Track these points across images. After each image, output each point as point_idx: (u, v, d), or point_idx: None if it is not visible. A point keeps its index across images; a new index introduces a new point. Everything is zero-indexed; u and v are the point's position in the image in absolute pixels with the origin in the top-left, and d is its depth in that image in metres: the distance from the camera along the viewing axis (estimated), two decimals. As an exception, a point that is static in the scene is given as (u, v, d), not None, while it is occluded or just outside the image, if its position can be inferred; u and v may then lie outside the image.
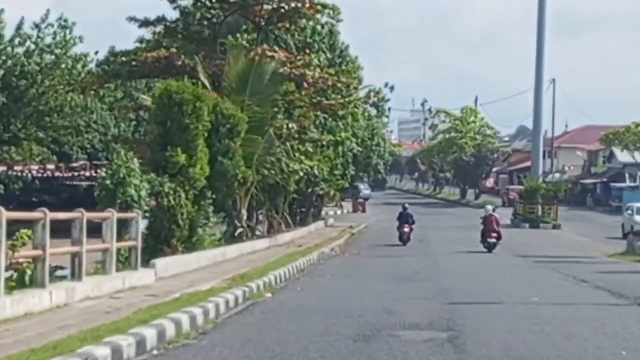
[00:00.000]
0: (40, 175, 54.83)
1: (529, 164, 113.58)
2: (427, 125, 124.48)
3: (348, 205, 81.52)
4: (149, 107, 30.51)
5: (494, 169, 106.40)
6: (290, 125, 35.87)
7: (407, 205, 43.14)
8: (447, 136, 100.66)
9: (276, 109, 35.24)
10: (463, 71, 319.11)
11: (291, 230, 43.67)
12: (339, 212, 77.25)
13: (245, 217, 34.20)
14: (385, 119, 77.43)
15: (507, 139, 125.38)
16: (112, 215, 17.15)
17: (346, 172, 54.70)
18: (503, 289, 21.46)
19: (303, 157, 38.34)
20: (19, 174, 53.49)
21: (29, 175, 54.66)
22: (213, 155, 26.60)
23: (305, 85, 36.93)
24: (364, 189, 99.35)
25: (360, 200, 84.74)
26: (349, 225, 54.83)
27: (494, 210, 39.42)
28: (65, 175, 55.73)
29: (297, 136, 37.08)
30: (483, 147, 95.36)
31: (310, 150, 39.12)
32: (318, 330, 13.56)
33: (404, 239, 40.32)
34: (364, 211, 79.55)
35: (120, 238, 19.17)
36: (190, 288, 17.75)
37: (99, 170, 38.98)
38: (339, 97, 39.59)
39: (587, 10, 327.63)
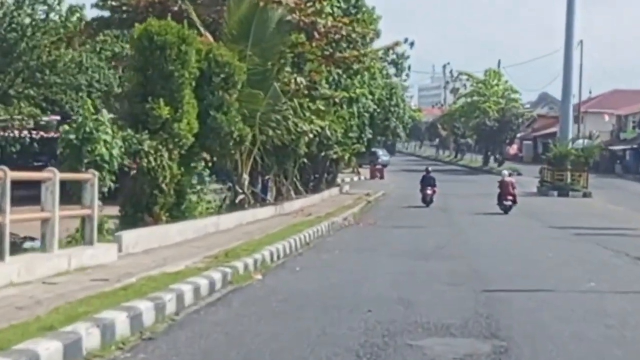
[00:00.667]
0: (38, 136, 51.27)
1: (554, 129, 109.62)
2: (447, 89, 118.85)
3: (365, 172, 77.93)
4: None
5: (518, 135, 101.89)
6: (299, 80, 31.98)
7: (429, 169, 44.08)
8: (470, 100, 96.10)
9: (282, 61, 31.42)
10: (485, 38, 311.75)
11: (301, 197, 40.01)
12: (355, 179, 73.91)
13: (247, 182, 30.46)
14: (404, 80, 72.72)
15: (527, 105, 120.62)
16: (53, 175, 13.36)
17: (362, 134, 50.69)
18: (548, 271, 17.58)
19: (314, 117, 34.50)
20: (16, 136, 49.91)
21: (27, 138, 51.07)
22: (204, 108, 22.80)
23: (316, 35, 33.00)
24: (382, 155, 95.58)
25: (378, 167, 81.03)
26: (365, 193, 51.35)
27: (509, 175, 41.61)
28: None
29: (306, 92, 33.18)
30: (507, 111, 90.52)
31: (322, 108, 35.09)
32: (309, 334, 9.81)
33: (427, 200, 41.58)
34: (381, 177, 75.96)
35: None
36: (157, 268, 14.03)
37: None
38: (354, 51, 35.48)
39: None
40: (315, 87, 33.57)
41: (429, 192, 41.59)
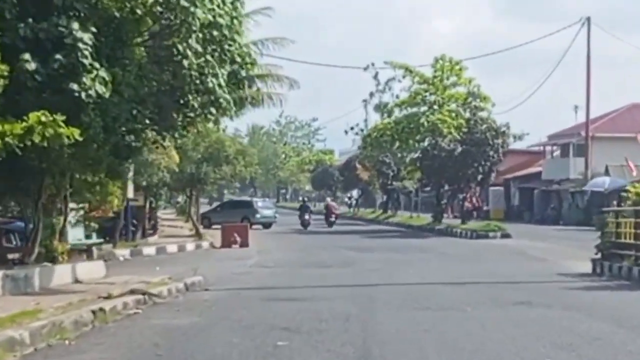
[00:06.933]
0: None
1: (536, 169, 71.48)
2: (371, 104, 65.86)
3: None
4: None
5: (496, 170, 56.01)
6: None
7: (306, 199, 59.17)
8: (408, 112, 54.73)
9: None
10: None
11: None
12: (190, 247, 35.82)
13: None
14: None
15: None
16: None
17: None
18: None
19: None
20: None
21: None
22: None
23: None
24: (263, 207, 56.72)
25: (241, 224, 42.50)
26: (128, 289, 15.25)
27: (331, 200, 62.12)
28: None
29: None
30: (474, 126, 48.82)
31: None
32: None
33: (305, 224, 51.04)
34: (242, 245, 36.86)
35: None
36: None
37: None
38: None
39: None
40: None
41: (306, 217, 51.67)
